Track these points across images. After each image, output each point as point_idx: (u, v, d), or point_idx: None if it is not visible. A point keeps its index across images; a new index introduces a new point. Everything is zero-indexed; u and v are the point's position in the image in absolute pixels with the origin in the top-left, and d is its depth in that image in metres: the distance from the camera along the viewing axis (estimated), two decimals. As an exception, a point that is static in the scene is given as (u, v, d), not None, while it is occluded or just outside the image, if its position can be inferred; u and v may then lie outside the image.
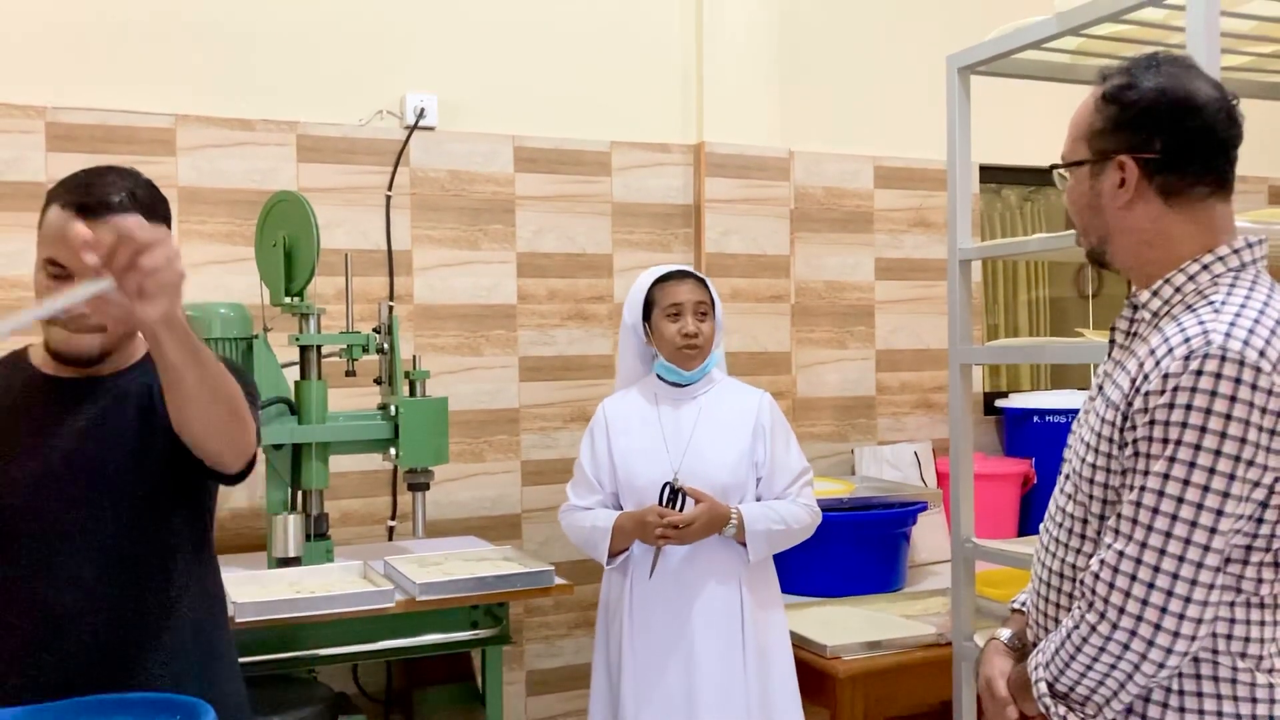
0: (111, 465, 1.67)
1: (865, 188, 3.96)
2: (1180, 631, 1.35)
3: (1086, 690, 1.44)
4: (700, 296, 2.60)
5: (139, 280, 1.33)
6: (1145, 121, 1.47)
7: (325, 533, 2.81)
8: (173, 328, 1.40)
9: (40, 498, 1.65)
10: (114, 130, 3.01)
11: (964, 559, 2.60)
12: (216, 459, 1.60)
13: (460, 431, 3.34)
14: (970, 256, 2.61)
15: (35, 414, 1.69)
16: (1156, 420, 1.38)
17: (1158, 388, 1.38)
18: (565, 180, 3.53)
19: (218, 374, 1.51)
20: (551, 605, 3.49)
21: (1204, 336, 1.37)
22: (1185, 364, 1.36)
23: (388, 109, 3.33)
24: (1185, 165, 1.47)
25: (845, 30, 3.91)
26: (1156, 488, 1.37)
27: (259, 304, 2.85)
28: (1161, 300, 1.49)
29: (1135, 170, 1.48)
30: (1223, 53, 2.10)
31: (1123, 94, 1.49)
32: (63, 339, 1.66)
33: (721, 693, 2.49)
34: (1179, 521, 1.36)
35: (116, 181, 1.65)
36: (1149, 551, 1.37)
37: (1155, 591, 1.36)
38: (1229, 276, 1.46)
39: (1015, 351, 3.13)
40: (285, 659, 2.47)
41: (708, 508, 2.46)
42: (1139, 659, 1.38)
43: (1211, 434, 1.34)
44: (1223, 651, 1.41)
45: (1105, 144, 1.51)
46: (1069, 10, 2.27)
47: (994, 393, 4.22)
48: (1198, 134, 1.46)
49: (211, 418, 1.53)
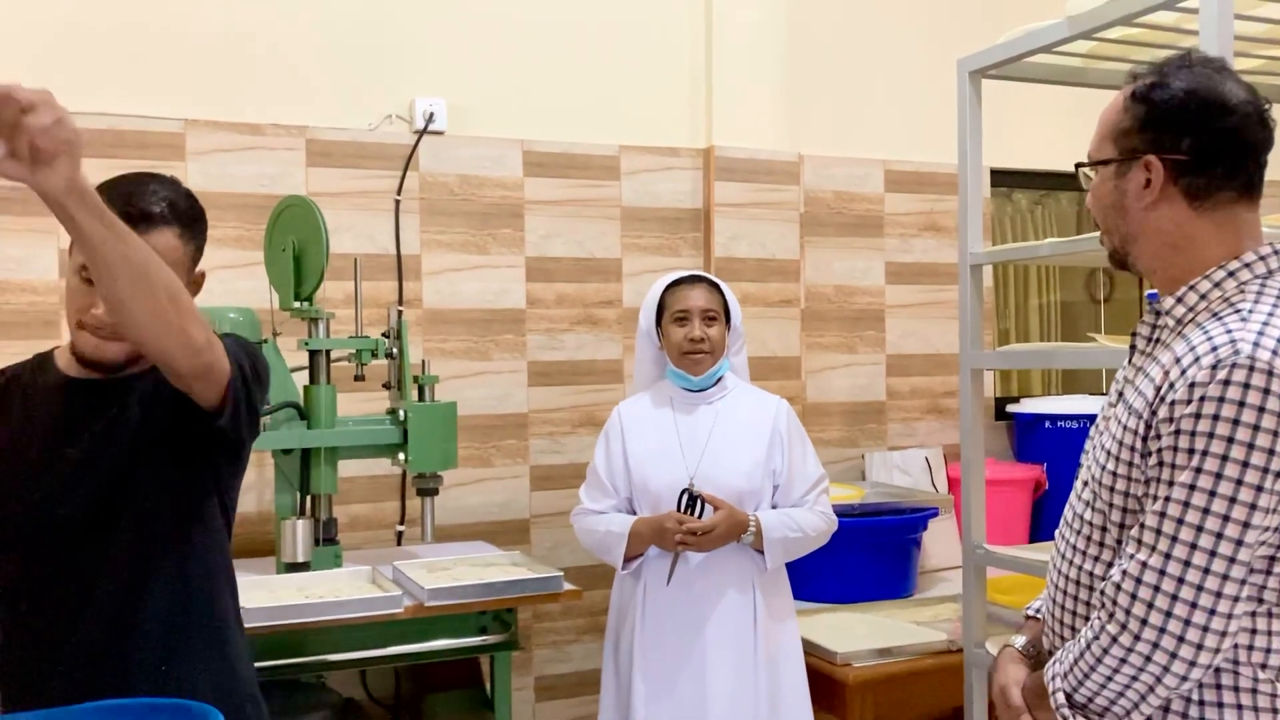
0: (127, 464, 1.67)
1: (875, 191, 3.95)
2: (1204, 644, 1.34)
3: (1106, 701, 1.42)
4: (709, 302, 2.59)
5: (29, 141, 1.28)
6: (1174, 122, 1.45)
7: (334, 538, 2.81)
8: (81, 196, 1.33)
9: (59, 497, 1.66)
10: (124, 135, 3.02)
11: (975, 565, 2.59)
12: (166, 359, 1.50)
13: (469, 436, 3.34)
14: (981, 261, 2.59)
15: (58, 416, 1.70)
16: (1183, 430, 1.36)
17: (1184, 397, 1.36)
18: (574, 184, 3.53)
19: (143, 252, 1.42)
20: (560, 611, 3.48)
21: (1231, 345, 1.35)
22: (1213, 373, 1.34)
23: (397, 114, 3.33)
24: (1213, 167, 1.44)
25: (854, 33, 3.90)
26: (1182, 498, 1.35)
27: (268, 308, 2.85)
28: (1186, 307, 1.47)
29: (1162, 171, 1.46)
30: (1236, 56, 2.09)
31: (1152, 93, 1.47)
32: (92, 346, 1.67)
33: (733, 701, 2.48)
34: (1204, 533, 1.34)
35: (158, 191, 1.64)
36: (1173, 563, 1.35)
37: (1179, 603, 1.34)
38: (1256, 284, 1.44)
39: (1026, 357, 3.11)
40: (294, 664, 2.47)
41: (727, 515, 2.45)
42: (1161, 671, 1.36)
43: (1239, 445, 1.32)
44: (1244, 662, 1.39)
45: (1132, 143, 1.48)
46: (1080, 14, 2.26)
47: (1005, 398, 4.20)
48: (1227, 136, 1.44)
49: (145, 301, 1.42)
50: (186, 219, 1.66)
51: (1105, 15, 2.21)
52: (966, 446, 2.62)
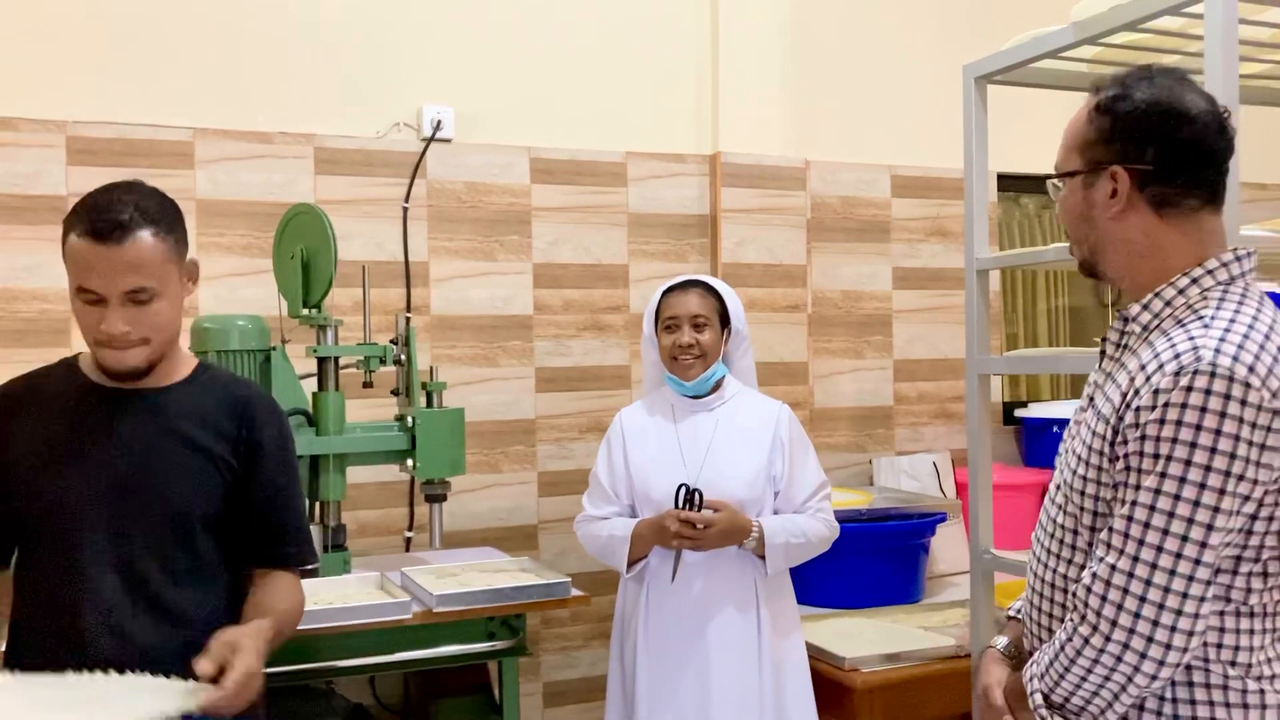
0: (146, 480, 1.74)
1: (882, 197, 3.95)
2: (1172, 644, 1.38)
3: (1081, 701, 1.46)
4: (699, 308, 2.58)
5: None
6: (1137, 132, 1.49)
7: (342, 544, 2.82)
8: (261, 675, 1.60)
9: (83, 503, 1.72)
10: (133, 144, 3.04)
11: (983, 570, 2.59)
12: None
13: (477, 442, 3.35)
14: (988, 266, 2.59)
15: (86, 421, 1.76)
16: (1148, 435, 1.40)
17: (1148, 403, 1.40)
18: (581, 191, 3.54)
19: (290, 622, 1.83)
20: (568, 616, 3.48)
21: (1194, 353, 1.38)
22: (1175, 380, 1.38)
23: (404, 121, 3.34)
24: (1177, 176, 1.48)
25: (861, 39, 3.90)
26: (1147, 502, 1.39)
27: (277, 316, 2.86)
28: (1151, 314, 1.51)
29: (1128, 181, 1.50)
30: (1241, 60, 2.09)
31: (1115, 105, 1.51)
32: (113, 359, 1.72)
33: (737, 707, 2.48)
34: (1170, 536, 1.37)
35: (123, 198, 1.68)
36: (1140, 565, 1.39)
37: (1146, 605, 1.38)
38: (1218, 290, 1.48)
39: (1033, 362, 3.11)
40: (302, 670, 2.47)
41: (728, 516, 2.45)
42: (1132, 671, 1.40)
43: (1202, 449, 1.36)
44: (1214, 660, 1.43)
45: (1098, 154, 1.53)
46: (1086, 19, 2.26)
47: (1013, 402, 4.19)
48: (1189, 145, 1.48)
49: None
50: (156, 216, 1.70)
51: (1111, 21, 2.21)
52: (974, 451, 2.62)
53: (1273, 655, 1.45)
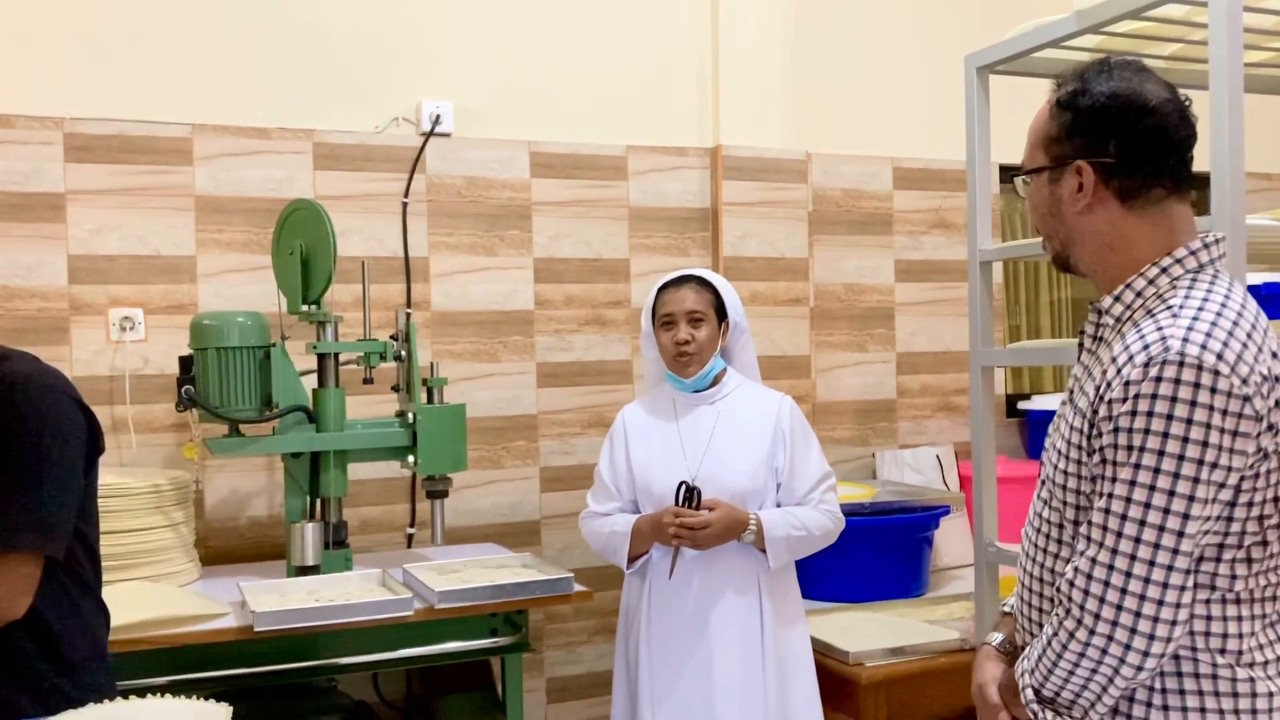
0: None
1: (884, 189, 3.94)
2: (1155, 634, 1.38)
3: (1071, 695, 1.46)
4: (695, 303, 2.57)
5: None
6: (1099, 126, 1.49)
7: (344, 541, 2.81)
8: None
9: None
10: (131, 140, 3.03)
11: (987, 563, 2.58)
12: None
13: (478, 438, 3.34)
14: (991, 257, 2.58)
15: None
16: (1120, 428, 1.40)
17: (1120, 395, 1.40)
18: (581, 185, 3.53)
19: None
20: (571, 612, 3.48)
21: (1162, 343, 1.39)
22: (1145, 371, 1.38)
23: (404, 116, 3.33)
24: (1140, 167, 1.49)
25: (861, 31, 3.88)
26: (1124, 494, 1.40)
27: (276, 312, 2.85)
28: (1123, 305, 1.52)
29: (1093, 175, 1.50)
30: (1245, 49, 2.08)
31: (1075, 100, 1.51)
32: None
33: (741, 702, 2.47)
34: (1147, 526, 1.38)
35: None
36: (1119, 557, 1.39)
37: (1128, 596, 1.39)
38: (1186, 279, 1.48)
39: (1037, 353, 3.09)
40: (305, 668, 2.47)
41: (723, 513, 2.44)
42: (1118, 662, 1.40)
43: (1174, 439, 1.36)
44: (1201, 649, 1.43)
45: (1062, 150, 1.53)
46: (1088, 8, 2.25)
47: (1016, 395, 4.18)
48: (1151, 135, 1.48)
49: None
50: None
51: (1113, 9, 2.20)
52: (977, 444, 2.61)
53: (1263, 641, 1.45)
